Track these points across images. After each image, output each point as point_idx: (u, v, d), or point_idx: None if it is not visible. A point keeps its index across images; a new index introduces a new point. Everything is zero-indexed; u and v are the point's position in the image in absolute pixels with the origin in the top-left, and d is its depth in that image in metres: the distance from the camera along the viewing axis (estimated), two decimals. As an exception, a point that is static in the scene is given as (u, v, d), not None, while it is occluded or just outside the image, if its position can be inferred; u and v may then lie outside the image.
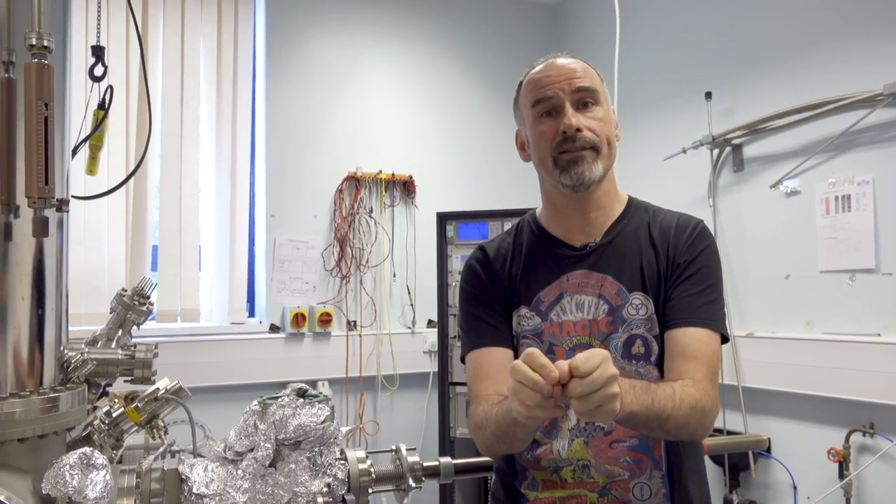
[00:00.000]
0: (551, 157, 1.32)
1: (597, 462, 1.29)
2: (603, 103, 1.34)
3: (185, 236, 3.42)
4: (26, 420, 0.95)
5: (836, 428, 2.71)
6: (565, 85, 1.31)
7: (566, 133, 1.29)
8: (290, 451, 1.29)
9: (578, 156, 1.29)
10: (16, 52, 0.97)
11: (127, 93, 3.26)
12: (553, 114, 1.32)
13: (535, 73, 1.38)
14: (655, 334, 1.30)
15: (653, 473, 1.29)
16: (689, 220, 1.39)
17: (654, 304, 1.31)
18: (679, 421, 1.17)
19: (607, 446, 1.29)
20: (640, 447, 1.29)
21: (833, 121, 2.75)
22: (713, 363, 1.27)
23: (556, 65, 1.35)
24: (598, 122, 1.32)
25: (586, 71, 1.35)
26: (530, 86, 1.37)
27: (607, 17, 3.95)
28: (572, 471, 1.31)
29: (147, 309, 1.32)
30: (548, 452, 1.32)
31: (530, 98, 1.36)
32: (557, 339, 1.34)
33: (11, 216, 0.97)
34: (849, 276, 2.70)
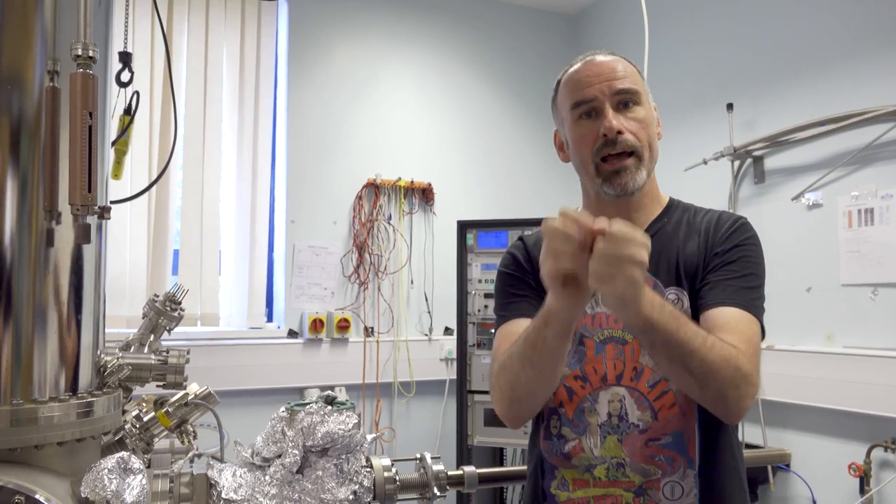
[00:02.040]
0: (593, 164, 1.30)
1: (632, 461, 1.26)
2: (644, 103, 1.31)
3: (206, 241, 3.45)
4: (65, 424, 0.97)
5: (856, 443, 2.69)
6: (605, 86, 1.28)
7: (606, 136, 1.27)
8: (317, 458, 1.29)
9: (621, 166, 1.27)
10: (60, 62, 0.99)
11: (151, 98, 3.29)
12: (593, 115, 1.29)
13: (574, 71, 1.34)
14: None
15: (686, 472, 1.25)
16: (731, 215, 1.36)
17: (689, 299, 1.28)
18: (706, 366, 1.10)
19: (643, 444, 1.26)
20: (673, 445, 1.25)
21: (856, 134, 2.74)
22: (755, 342, 1.20)
23: (596, 63, 1.32)
24: (639, 124, 1.29)
25: (627, 69, 1.32)
26: (569, 86, 1.34)
27: (627, 27, 3.97)
28: (606, 469, 1.27)
29: (179, 314, 1.34)
30: (578, 450, 1.29)
31: (569, 99, 1.33)
32: (589, 331, 1.31)
33: (54, 222, 0.99)
34: (871, 290, 2.68)
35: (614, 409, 1.27)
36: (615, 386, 1.28)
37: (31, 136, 0.98)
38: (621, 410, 1.27)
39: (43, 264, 0.99)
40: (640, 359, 1.27)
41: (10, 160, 0.97)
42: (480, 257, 3.30)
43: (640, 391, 1.27)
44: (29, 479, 0.91)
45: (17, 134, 0.98)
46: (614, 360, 1.29)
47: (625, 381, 1.28)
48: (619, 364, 1.28)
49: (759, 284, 1.28)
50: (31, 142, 0.98)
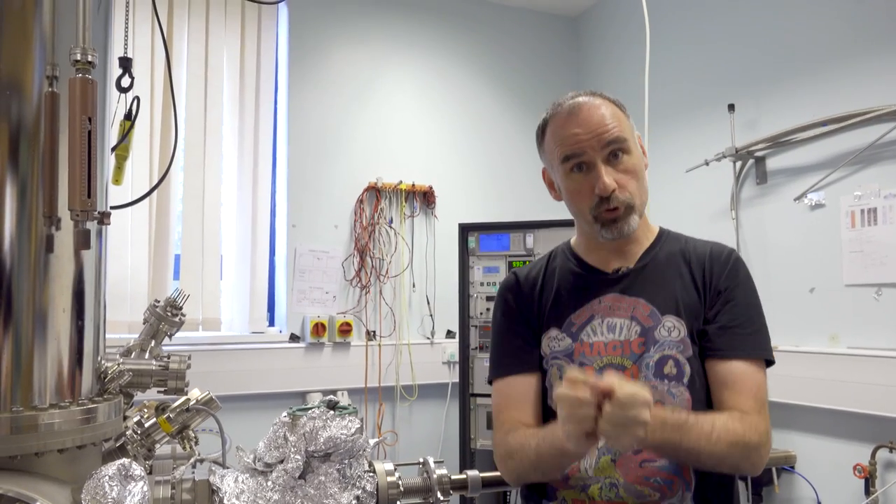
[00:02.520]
0: (591, 216, 1.33)
1: (626, 482, 1.27)
2: (632, 149, 1.33)
3: (207, 246, 3.45)
4: (66, 431, 0.96)
5: (861, 444, 2.67)
6: (595, 141, 1.29)
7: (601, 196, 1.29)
8: (319, 463, 1.29)
9: (617, 216, 1.31)
10: (59, 67, 0.99)
11: (151, 103, 3.29)
12: (584, 168, 1.31)
13: (562, 121, 1.34)
14: (688, 356, 1.30)
15: (684, 495, 1.27)
16: (722, 248, 1.40)
17: (686, 329, 1.31)
18: (716, 458, 1.19)
19: (637, 465, 1.27)
20: (670, 467, 1.27)
21: (859, 133, 2.73)
22: (760, 395, 1.27)
23: (583, 117, 1.31)
24: (629, 176, 1.31)
25: (614, 115, 1.33)
26: (557, 137, 1.35)
27: (627, 29, 3.96)
28: (599, 489, 1.28)
29: (179, 320, 1.33)
30: (575, 471, 1.30)
31: (559, 152, 1.34)
32: (588, 359, 1.33)
33: (53, 228, 0.99)
34: (875, 290, 2.67)
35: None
36: None
37: (31, 141, 0.98)
38: None
39: (43, 270, 0.99)
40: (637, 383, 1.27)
41: (9, 166, 0.97)
42: (482, 260, 3.29)
43: None
44: (29, 486, 0.91)
45: (17, 139, 0.97)
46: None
47: None
48: None
49: (760, 324, 1.34)
50: (31, 147, 0.98)
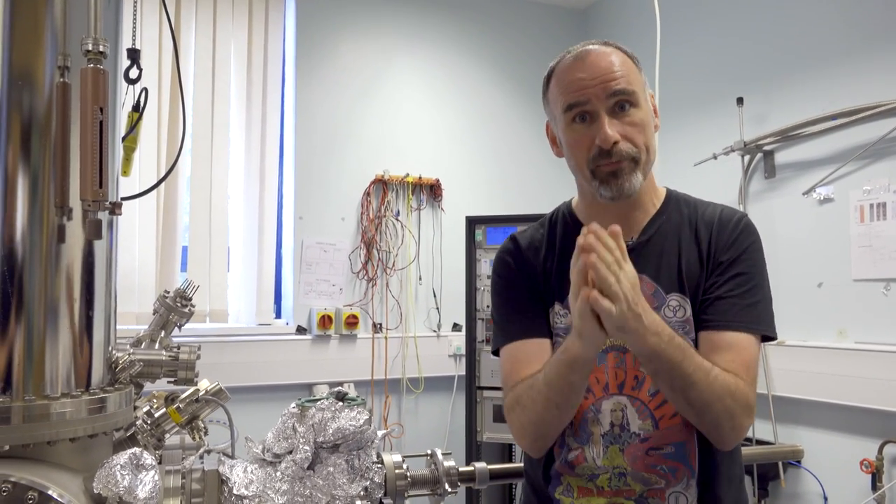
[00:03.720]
0: (589, 169, 1.25)
1: (633, 470, 1.25)
2: (641, 103, 1.25)
3: (215, 238, 3.45)
4: (77, 420, 0.97)
5: (868, 439, 2.67)
6: (600, 89, 1.22)
7: (602, 147, 1.22)
8: (328, 454, 1.29)
9: (618, 168, 1.23)
10: (70, 58, 0.99)
11: (159, 95, 3.29)
12: (587, 119, 1.24)
13: (567, 68, 1.27)
14: (693, 338, 1.25)
15: (689, 483, 1.25)
16: (732, 213, 1.32)
17: (691, 305, 1.26)
18: (705, 399, 1.14)
19: (644, 454, 1.25)
20: (676, 455, 1.25)
21: (868, 128, 2.72)
22: (752, 368, 1.22)
23: (590, 62, 1.24)
24: (636, 129, 1.23)
25: (623, 65, 1.25)
26: (561, 84, 1.27)
27: (635, 22, 3.94)
28: (608, 479, 1.27)
29: (189, 311, 1.34)
30: (581, 459, 1.28)
31: (561, 100, 1.26)
32: None
33: (65, 218, 0.99)
34: (884, 286, 2.66)
35: (616, 419, 1.26)
36: (617, 395, 1.27)
37: (42, 131, 0.98)
38: (623, 419, 1.26)
39: (54, 260, 0.99)
40: (641, 367, 1.24)
41: (21, 156, 0.97)
42: (489, 253, 3.29)
43: (641, 400, 1.26)
44: (42, 475, 0.91)
45: (28, 130, 0.98)
46: (615, 369, 1.27)
47: (626, 390, 1.26)
48: (620, 373, 1.27)
49: (762, 296, 1.27)
50: (42, 138, 0.98)
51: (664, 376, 1.14)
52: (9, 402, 0.93)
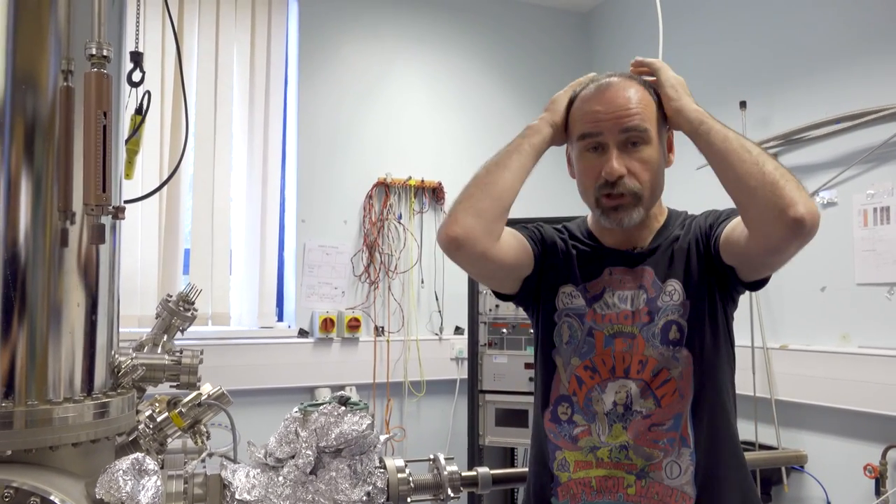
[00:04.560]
0: (594, 197, 1.33)
1: (636, 444, 1.29)
2: (652, 141, 1.31)
3: (217, 240, 3.45)
4: (80, 425, 0.96)
5: (872, 444, 2.66)
6: (613, 123, 1.28)
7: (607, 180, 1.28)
8: (330, 459, 1.29)
9: (619, 203, 1.30)
10: (74, 61, 0.99)
11: (161, 98, 3.30)
12: (599, 150, 1.30)
13: (587, 97, 1.34)
14: (687, 318, 1.31)
15: (681, 451, 1.29)
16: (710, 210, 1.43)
17: (684, 288, 1.32)
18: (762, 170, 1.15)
19: (646, 429, 1.29)
20: (675, 426, 1.29)
21: (871, 132, 2.71)
22: None
23: (609, 96, 1.30)
24: (644, 166, 1.29)
25: (641, 101, 1.30)
26: (579, 112, 1.35)
27: (638, 25, 3.94)
28: (609, 451, 1.31)
29: (192, 315, 1.34)
30: (587, 433, 1.33)
31: (577, 128, 1.34)
32: (598, 325, 1.35)
33: (68, 223, 0.99)
34: (887, 290, 2.66)
35: (620, 399, 1.31)
36: (623, 378, 1.32)
37: (46, 135, 0.98)
38: (627, 399, 1.31)
39: (57, 264, 0.99)
40: (645, 351, 1.31)
41: (24, 160, 0.97)
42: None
43: (644, 381, 1.31)
44: (44, 480, 0.91)
45: (32, 134, 0.98)
46: (623, 354, 1.32)
47: (631, 374, 1.32)
48: (626, 357, 1.32)
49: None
50: (46, 142, 0.98)
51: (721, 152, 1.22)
52: (11, 406, 0.93)
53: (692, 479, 1.28)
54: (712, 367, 1.32)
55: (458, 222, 1.29)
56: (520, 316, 3.19)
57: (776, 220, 1.12)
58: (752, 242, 1.19)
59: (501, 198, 1.32)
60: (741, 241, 1.23)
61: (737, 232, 1.25)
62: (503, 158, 1.35)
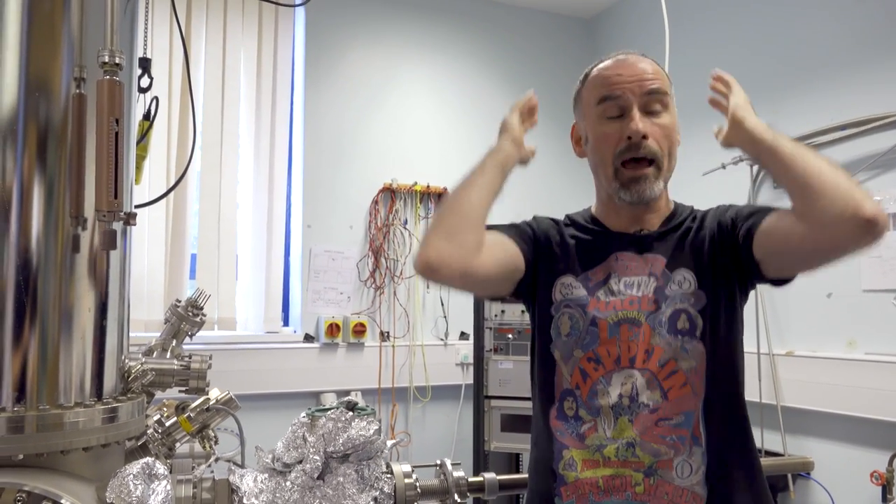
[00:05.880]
0: (613, 167, 1.30)
1: (643, 440, 1.25)
2: (671, 109, 1.32)
3: (223, 245, 3.46)
4: (90, 429, 0.97)
5: (879, 451, 2.65)
6: (636, 86, 1.28)
7: (631, 139, 1.26)
8: (338, 464, 1.29)
9: (641, 174, 1.28)
10: (87, 69, 1.00)
11: (169, 103, 3.31)
12: (618, 116, 1.29)
13: (604, 67, 1.34)
14: (700, 308, 1.27)
15: (693, 450, 1.25)
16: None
17: (697, 278, 1.29)
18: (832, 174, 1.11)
19: (653, 424, 1.25)
20: (684, 424, 1.25)
21: (877, 138, 2.71)
22: None
23: (628, 63, 1.32)
24: (664, 131, 1.29)
25: (658, 72, 1.33)
26: (597, 81, 1.34)
27: (643, 32, 3.94)
28: (616, 449, 1.26)
29: (200, 320, 1.35)
30: (593, 430, 1.28)
31: (596, 93, 1.32)
32: (602, 314, 1.31)
33: (80, 228, 1.00)
34: (893, 296, 2.65)
35: (626, 391, 1.27)
36: (628, 368, 1.28)
37: (58, 142, 0.99)
38: (632, 391, 1.27)
39: (69, 270, 1.00)
40: (651, 340, 1.27)
41: (37, 166, 0.98)
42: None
43: (651, 371, 1.27)
44: (55, 484, 0.92)
45: (45, 140, 0.99)
46: (629, 343, 1.28)
47: (637, 364, 1.28)
48: (633, 346, 1.28)
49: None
50: (58, 148, 0.99)
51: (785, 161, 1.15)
52: (23, 411, 0.94)
53: (703, 478, 1.24)
54: (728, 362, 1.29)
55: (429, 246, 1.27)
56: (525, 321, 3.19)
57: (849, 218, 1.08)
58: (814, 238, 1.15)
59: (470, 215, 1.30)
60: (792, 236, 1.18)
61: (784, 226, 1.20)
62: (467, 180, 1.34)
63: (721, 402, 1.28)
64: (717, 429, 1.27)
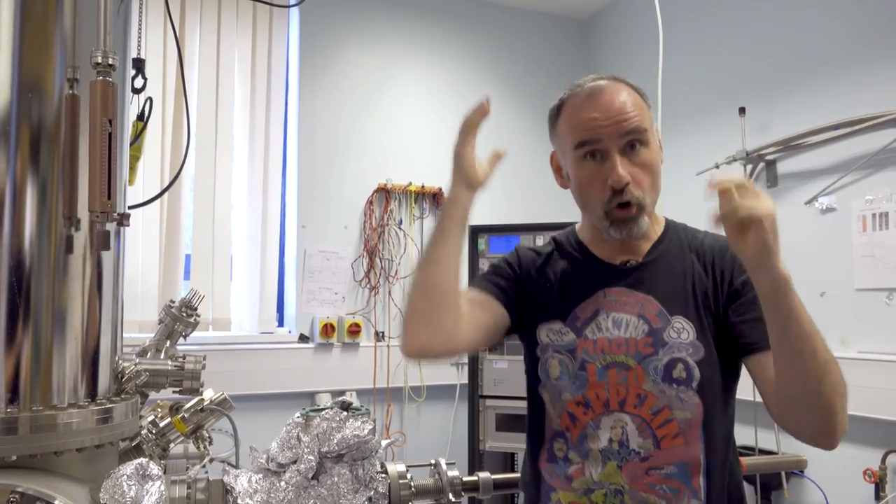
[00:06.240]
0: (602, 210, 1.26)
1: (631, 489, 1.22)
2: (651, 141, 1.27)
3: (218, 246, 3.46)
4: (84, 430, 0.97)
5: (872, 448, 2.66)
6: (613, 129, 1.23)
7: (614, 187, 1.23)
8: (332, 464, 1.29)
9: (629, 216, 1.25)
10: (80, 70, 1.00)
11: (163, 104, 3.31)
12: (598, 157, 1.25)
13: (580, 103, 1.28)
14: (698, 359, 1.24)
15: (690, 502, 1.22)
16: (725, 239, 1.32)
17: (696, 331, 1.25)
18: (826, 354, 1.09)
19: (643, 473, 1.22)
20: (678, 475, 1.22)
21: (870, 138, 2.72)
22: None
23: (604, 101, 1.25)
24: (644, 171, 1.25)
25: (635, 103, 1.26)
26: (573, 121, 1.28)
27: (637, 31, 3.96)
28: (604, 494, 1.24)
29: (194, 321, 1.34)
30: (580, 473, 1.26)
31: (572, 136, 1.27)
32: (590, 357, 1.28)
33: (73, 229, 1.00)
34: (886, 295, 2.66)
35: (616, 436, 1.24)
36: (618, 412, 1.25)
37: (51, 143, 0.99)
38: (622, 436, 1.24)
39: (62, 270, 0.99)
40: (644, 385, 1.24)
41: (30, 167, 0.98)
42: (491, 262, 3.29)
43: (642, 417, 1.24)
44: (49, 485, 0.92)
45: (37, 141, 0.99)
46: (617, 386, 1.25)
47: (628, 408, 1.25)
48: (622, 390, 1.25)
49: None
50: (51, 149, 0.99)
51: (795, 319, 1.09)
52: (16, 412, 0.94)
53: None
54: (723, 414, 1.27)
55: (409, 336, 1.28)
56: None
57: (816, 433, 1.14)
58: (782, 422, 1.19)
59: (444, 293, 1.26)
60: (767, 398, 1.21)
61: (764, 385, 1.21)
62: (430, 252, 1.29)
63: (718, 454, 1.25)
64: (717, 481, 1.24)
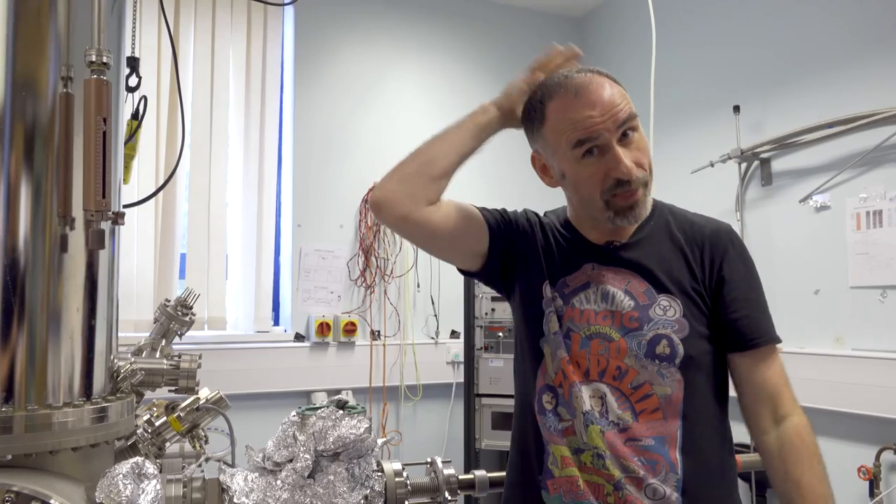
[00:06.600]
0: (603, 200, 1.27)
1: (611, 454, 1.25)
2: (638, 125, 1.29)
3: (213, 245, 3.46)
4: (79, 429, 0.97)
5: (866, 445, 2.67)
6: (610, 123, 1.23)
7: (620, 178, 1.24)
8: (328, 463, 1.29)
9: (634, 201, 1.26)
10: (74, 68, 1.00)
11: (158, 102, 3.30)
12: (596, 153, 1.25)
13: (569, 102, 1.27)
14: (683, 337, 1.26)
15: (668, 475, 1.24)
16: (717, 226, 1.37)
17: (682, 309, 1.28)
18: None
19: (622, 443, 1.25)
20: (655, 447, 1.25)
21: (865, 136, 2.73)
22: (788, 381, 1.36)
23: (595, 98, 1.25)
24: (641, 152, 1.27)
25: (622, 94, 1.27)
26: (566, 121, 1.26)
27: (632, 29, 3.97)
28: (591, 456, 1.27)
29: (190, 320, 1.34)
30: (570, 431, 1.29)
31: (568, 136, 1.26)
32: (575, 325, 1.31)
33: (67, 228, 0.99)
34: (880, 293, 2.68)
35: (595, 405, 1.27)
36: (597, 382, 1.28)
37: (46, 141, 0.99)
38: (602, 406, 1.27)
39: (57, 269, 0.99)
40: (625, 359, 1.26)
41: (24, 166, 0.98)
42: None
43: (621, 391, 1.27)
44: (44, 484, 0.91)
45: (32, 140, 0.98)
46: (598, 356, 1.28)
47: (607, 379, 1.27)
48: (602, 360, 1.28)
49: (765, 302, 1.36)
50: (46, 148, 0.99)
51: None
52: (11, 411, 0.93)
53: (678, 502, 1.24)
54: (707, 392, 1.29)
55: (381, 187, 1.35)
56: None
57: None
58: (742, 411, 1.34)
59: (430, 164, 1.33)
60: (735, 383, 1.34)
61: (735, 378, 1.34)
62: (442, 132, 1.36)
63: (700, 431, 1.27)
64: (694, 455, 1.26)
